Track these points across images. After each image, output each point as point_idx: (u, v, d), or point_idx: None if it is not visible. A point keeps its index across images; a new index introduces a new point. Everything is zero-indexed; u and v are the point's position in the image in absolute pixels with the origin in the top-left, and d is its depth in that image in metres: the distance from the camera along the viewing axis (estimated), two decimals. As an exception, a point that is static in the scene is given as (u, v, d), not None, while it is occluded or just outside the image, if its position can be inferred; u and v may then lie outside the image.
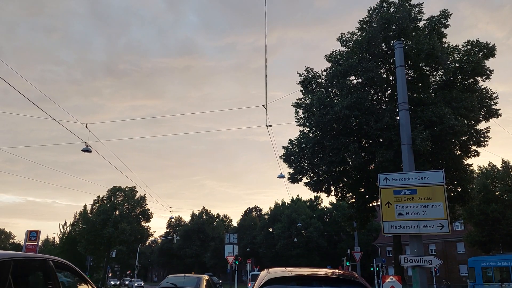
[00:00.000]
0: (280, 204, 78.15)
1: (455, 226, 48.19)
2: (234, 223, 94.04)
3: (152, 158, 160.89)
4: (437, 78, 18.84)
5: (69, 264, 4.92)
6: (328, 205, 74.55)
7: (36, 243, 41.93)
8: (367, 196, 18.86)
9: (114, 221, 45.44)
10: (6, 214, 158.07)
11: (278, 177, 23.89)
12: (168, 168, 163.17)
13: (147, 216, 50.74)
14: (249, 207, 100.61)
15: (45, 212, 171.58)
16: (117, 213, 47.38)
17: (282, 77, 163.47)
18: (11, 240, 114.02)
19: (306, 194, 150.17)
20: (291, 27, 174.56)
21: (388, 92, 19.28)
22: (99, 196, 50.12)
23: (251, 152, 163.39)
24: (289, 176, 19.48)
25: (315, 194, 18.69)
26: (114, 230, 44.47)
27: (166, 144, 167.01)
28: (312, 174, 19.24)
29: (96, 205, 49.54)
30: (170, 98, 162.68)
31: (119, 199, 49.77)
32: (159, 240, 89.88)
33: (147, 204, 51.05)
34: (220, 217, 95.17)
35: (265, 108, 17.22)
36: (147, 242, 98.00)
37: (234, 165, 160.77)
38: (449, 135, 15.91)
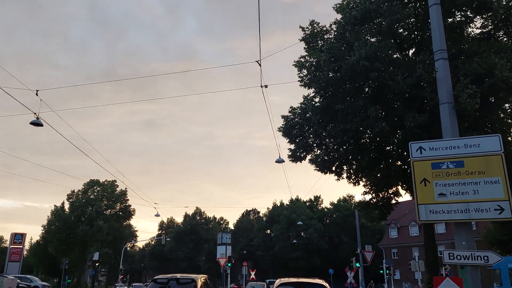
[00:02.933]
0: (279, 204, 74.29)
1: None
2: (231, 226, 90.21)
3: (151, 162, 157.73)
4: (475, 30, 15.07)
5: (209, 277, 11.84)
6: (329, 206, 71.15)
7: (21, 246, 38.03)
8: (389, 176, 14.82)
9: (89, 218, 40.05)
10: (4, 219, 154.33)
11: (276, 162, 20.18)
12: (166, 172, 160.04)
13: (128, 213, 45.10)
14: (246, 210, 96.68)
15: (44, 217, 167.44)
16: (92, 209, 41.56)
17: (281, 79, 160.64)
18: (2, 245, 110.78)
19: (306, 194, 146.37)
20: (291, 31, 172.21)
21: (412, 51, 15.54)
22: (73, 190, 44.31)
23: (250, 157, 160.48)
24: (290, 153, 15.51)
25: (322, 173, 14.59)
26: (89, 228, 39.24)
27: (164, 148, 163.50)
28: (319, 152, 15.26)
29: (71, 200, 43.35)
30: (168, 102, 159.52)
31: (96, 194, 43.84)
32: (152, 242, 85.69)
33: (128, 200, 45.48)
34: (216, 220, 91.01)
35: (260, 65, 13.78)
36: (141, 246, 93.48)
37: (232, 169, 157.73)
38: (502, 92, 12.06)
